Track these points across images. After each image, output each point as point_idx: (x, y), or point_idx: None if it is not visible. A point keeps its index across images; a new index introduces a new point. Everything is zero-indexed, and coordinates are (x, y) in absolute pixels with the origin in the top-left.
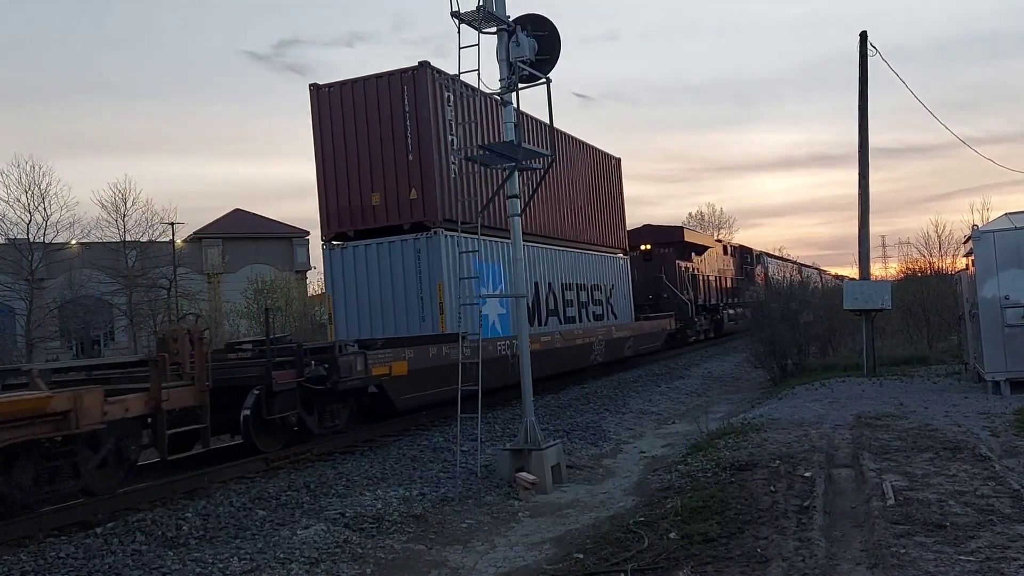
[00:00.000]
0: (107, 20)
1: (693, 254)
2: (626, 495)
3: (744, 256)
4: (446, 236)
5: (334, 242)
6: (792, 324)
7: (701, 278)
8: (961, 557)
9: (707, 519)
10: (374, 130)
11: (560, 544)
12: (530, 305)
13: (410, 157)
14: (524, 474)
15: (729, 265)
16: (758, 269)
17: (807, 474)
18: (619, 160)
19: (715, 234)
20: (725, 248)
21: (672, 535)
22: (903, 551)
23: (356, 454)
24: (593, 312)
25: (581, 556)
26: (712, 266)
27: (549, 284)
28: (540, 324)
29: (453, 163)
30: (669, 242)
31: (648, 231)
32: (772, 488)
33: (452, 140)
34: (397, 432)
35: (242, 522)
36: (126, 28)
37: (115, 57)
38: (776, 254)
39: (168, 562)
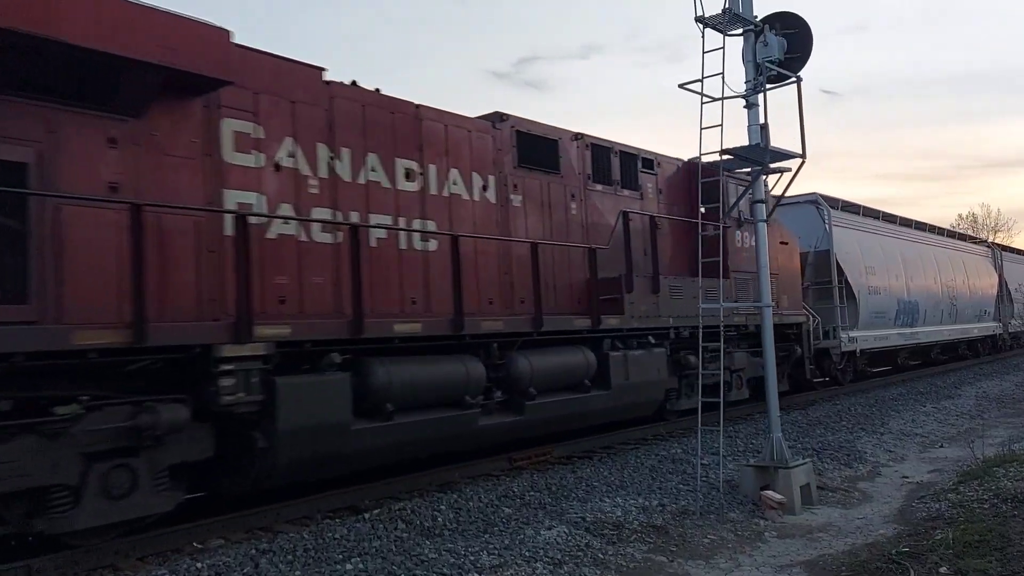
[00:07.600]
0: (372, 48)
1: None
2: (886, 522)
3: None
4: None
5: None
6: None
7: None
8: None
9: (985, 555)
10: None
11: (812, 569)
12: None
13: None
14: (771, 492)
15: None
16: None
17: None
18: None
19: (990, 238)
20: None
21: (943, 570)
22: None
23: (594, 460)
24: None
25: None
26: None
27: None
28: None
29: None
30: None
31: None
32: None
33: None
34: (634, 441)
35: (490, 518)
36: (391, 52)
37: (383, 78)
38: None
39: (426, 550)
